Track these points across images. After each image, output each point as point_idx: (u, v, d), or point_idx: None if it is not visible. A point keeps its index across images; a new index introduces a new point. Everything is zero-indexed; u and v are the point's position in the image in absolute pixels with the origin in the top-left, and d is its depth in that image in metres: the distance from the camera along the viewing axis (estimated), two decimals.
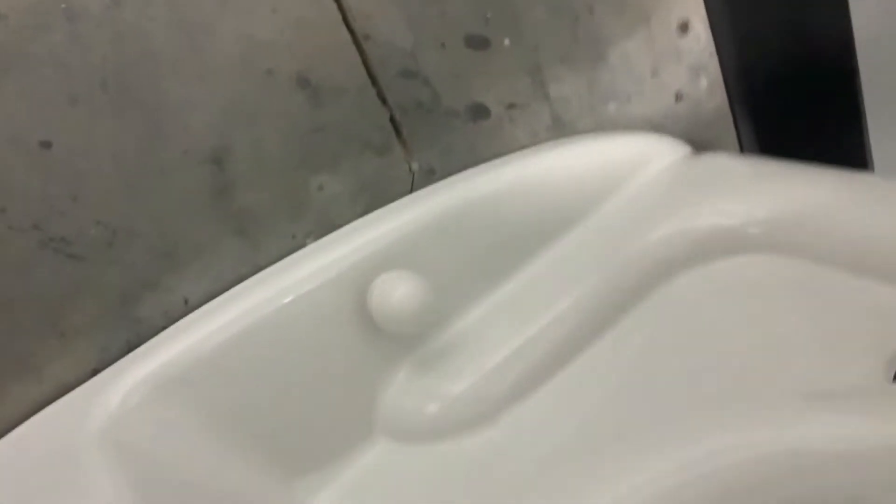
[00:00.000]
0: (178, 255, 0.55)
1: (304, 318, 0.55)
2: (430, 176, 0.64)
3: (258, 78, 0.54)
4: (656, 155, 0.68)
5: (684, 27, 0.72)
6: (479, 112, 0.64)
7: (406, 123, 0.61)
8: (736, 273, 0.58)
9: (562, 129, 0.68)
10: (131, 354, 0.53)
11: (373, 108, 0.59)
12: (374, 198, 0.61)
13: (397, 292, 0.54)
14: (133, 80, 0.51)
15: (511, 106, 0.65)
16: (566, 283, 0.62)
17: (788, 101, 0.72)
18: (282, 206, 0.57)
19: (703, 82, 0.74)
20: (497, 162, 0.65)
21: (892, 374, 0.44)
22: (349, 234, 0.59)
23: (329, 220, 0.60)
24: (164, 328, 0.54)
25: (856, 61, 0.66)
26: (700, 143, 0.75)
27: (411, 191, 0.63)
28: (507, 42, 0.63)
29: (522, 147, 0.67)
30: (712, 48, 0.74)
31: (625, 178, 0.67)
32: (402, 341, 0.59)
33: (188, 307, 0.55)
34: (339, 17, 0.56)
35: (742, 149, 0.78)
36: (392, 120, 0.61)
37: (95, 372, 0.53)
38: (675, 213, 0.63)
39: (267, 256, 0.58)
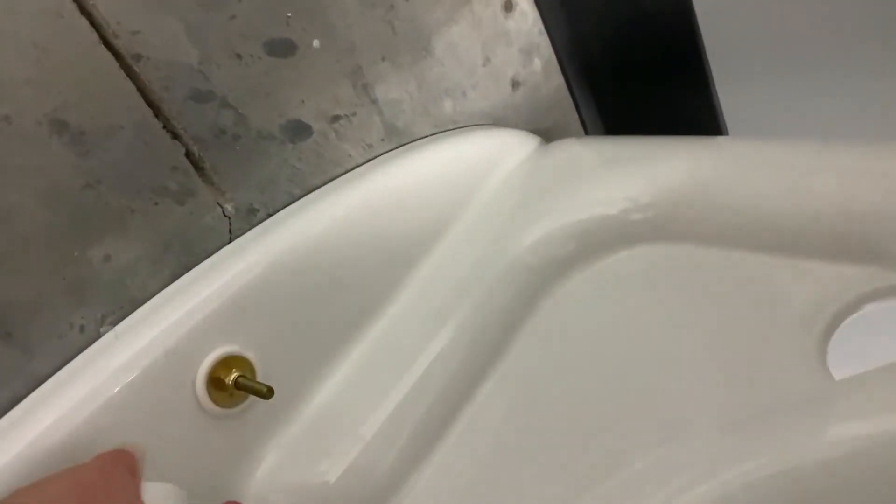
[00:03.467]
0: None
1: (121, 424, 0.41)
2: (252, 216, 0.52)
3: None
4: (507, 151, 0.61)
5: (509, 5, 0.65)
6: (298, 130, 0.53)
7: (209, 157, 0.49)
8: (626, 269, 0.53)
9: (397, 136, 0.59)
10: None
11: (161, 144, 0.47)
12: (183, 256, 0.49)
13: None
14: None
15: (335, 118, 0.55)
16: (441, 314, 0.53)
17: (629, 71, 0.68)
18: (56, 291, 0.43)
19: (537, 64, 0.68)
20: (329, 187, 0.55)
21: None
22: (158, 310, 0.46)
23: (128, 296, 0.46)
24: None
25: (696, 20, 0.62)
26: (544, 131, 0.69)
27: (231, 239, 0.51)
28: (316, 43, 0.52)
29: (356, 165, 0.57)
30: (541, 25, 0.68)
31: (478, 183, 0.59)
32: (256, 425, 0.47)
33: None
34: (95, 36, 0.43)
35: (586, 130, 0.73)
36: (189, 155, 0.48)
37: None
38: (546, 212, 0.56)
39: (49, 361, 0.43)
